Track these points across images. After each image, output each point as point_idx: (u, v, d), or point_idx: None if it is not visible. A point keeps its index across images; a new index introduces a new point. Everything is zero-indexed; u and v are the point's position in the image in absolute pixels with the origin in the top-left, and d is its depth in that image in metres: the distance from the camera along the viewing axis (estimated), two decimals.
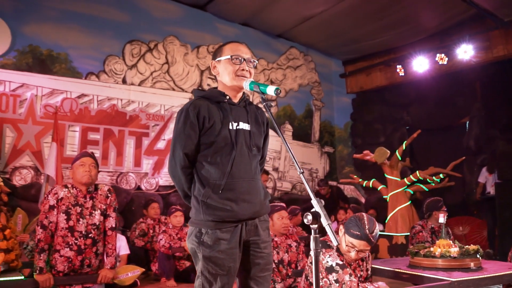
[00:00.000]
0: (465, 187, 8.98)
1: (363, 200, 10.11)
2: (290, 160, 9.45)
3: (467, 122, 9.21)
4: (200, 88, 7.99)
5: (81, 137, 6.86)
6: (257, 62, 2.20)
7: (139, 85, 7.59)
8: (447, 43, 8.10)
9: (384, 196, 6.97)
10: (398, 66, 9.02)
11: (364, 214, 2.63)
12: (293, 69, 9.82)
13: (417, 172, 6.67)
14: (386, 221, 6.90)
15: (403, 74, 8.99)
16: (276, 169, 9.20)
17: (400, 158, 6.79)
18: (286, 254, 3.59)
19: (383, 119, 10.24)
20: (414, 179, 6.70)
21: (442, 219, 3.52)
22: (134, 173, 7.33)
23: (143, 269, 4.40)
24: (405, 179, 6.75)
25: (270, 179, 8.95)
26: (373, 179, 7.14)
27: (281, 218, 3.57)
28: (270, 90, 1.87)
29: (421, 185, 6.95)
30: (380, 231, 7.10)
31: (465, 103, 9.11)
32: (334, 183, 9.56)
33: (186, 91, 8.03)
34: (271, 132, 2.24)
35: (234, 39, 9.27)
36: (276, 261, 3.51)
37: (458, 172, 7.36)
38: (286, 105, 9.66)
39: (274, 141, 8.81)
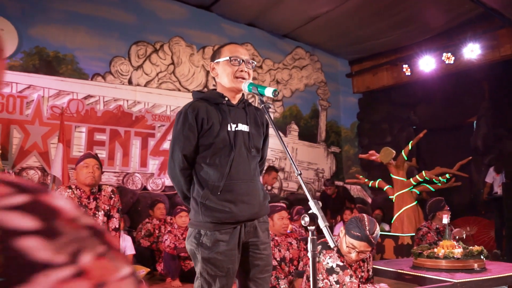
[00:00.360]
0: (472, 187, 8.93)
1: (369, 200, 10.07)
2: (296, 161, 9.44)
3: (475, 122, 9.15)
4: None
5: (87, 138, 6.90)
6: (255, 63, 2.20)
7: (145, 86, 7.63)
8: (454, 42, 8.05)
9: (390, 197, 6.94)
10: (404, 66, 8.97)
11: (365, 215, 2.63)
12: (299, 69, 9.81)
13: (423, 172, 6.63)
14: (392, 222, 6.87)
15: (409, 73, 8.94)
16: (282, 169, 9.19)
17: (406, 158, 6.75)
18: (288, 251, 3.61)
19: (389, 119, 10.19)
20: (420, 179, 6.66)
21: (445, 219, 3.50)
22: (140, 174, 7.37)
23: (149, 269, 4.43)
24: (411, 179, 6.71)
25: (276, 180, 8.94)
26: (379, 179, 7.11)
27: (281, 218, 3.59)
28: (268, 92, 1.87)
29: (427, 185, 6.91)
30: (386, 231, 7.10)
31: (472, 102, 9.04)
32: (340, 183, 9.54)
33: (191, 92, 8.04)
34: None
35: (240, 39, 9.22)
36: (278, 259, 3.53)
37: (466, 172, 7.31)
38: (292, 105, 9.65)
39: (280, 141, 8.79)
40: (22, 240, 0.22)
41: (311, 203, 1.63)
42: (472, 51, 7.63)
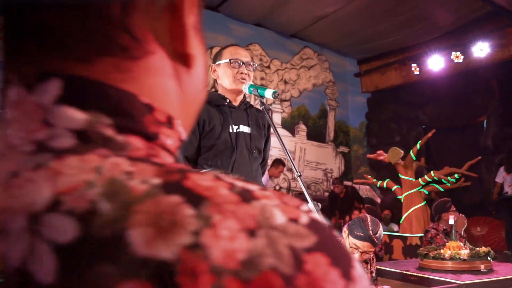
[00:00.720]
0: (482, 187, 8.85)
1: (378, 200, 10.03)
2: (304, 161, 9.43)
3: (485, 121, 9.07)
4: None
5: None
6: (257, 65, 2.21)
7: None
8: (463, 41, 7.99)
9: (398, 197, 6.90)
10: (413, 65, 8.93)
11: (368, 215, 2.62)
12: (307, 69, 9.80)
13: (432, 172, 6.59)
14: (400, 222, 6.83)
15: (418, 73, 8.90)
16: (290, 170, 9.18)
17: (414, 158, 6.71)
18: None
19: (398, 118, 10.14)
20: (429, 179, 6.62)
21: (452, 220, 3.48)
22: None
23: None
24: (420, 180, 6.66)
25: (284, 180, 8.94)
26: (387, 179, 7.08)
27: None
28: (268, 94, 1.89)
29: (436, 185, 6.87)
30: (395, 231, 7.06)
31: (482, 101, 8.97)
32: (349, 183, 9.50)
33: None
34: (285, 132, 2.24)
35: (247, 39, 9.21)
36: None
37: (476, 172, 7.24)
38: (300, 105, 9.63)
39: (288, 142, 8.80)
40: None
41: (310, 205, 1.63)
42: (481, 50, 7.58)
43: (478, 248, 3.27)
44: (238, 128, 2.07)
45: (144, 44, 0.37)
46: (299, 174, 1.72)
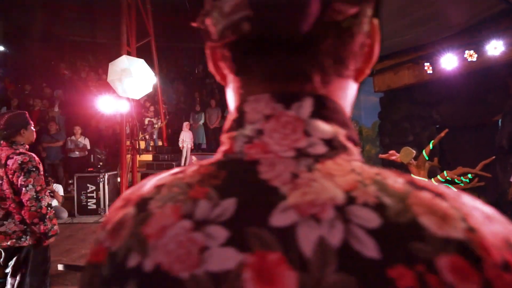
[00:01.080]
0: (497, 187, 8.73)
1: None
2: None
3: (499, 120, 8.94)
4: None
5: None
6: None
7: None
8: (476, 39, 7.87)
9: None
10: (426, 64, 8.83)
11: None
12: None
13: (445, 172, 6.52)
14: None
15: (431, 71, 8.79)
16: None
17: (427, 158, 6.65)
18: None
19: (411, 118, 10.04)
20: (442, 180, 6.55)
21: None
22: None
23: None
24: (433, 180, 6.60)
25: None
26: None
27: None
28: None
29: (450, 186, 6.78)
30: None
31: (497, 100, 8.84)
32: None
33: None
34: None
35: None
36: None
37: (490, 171, 7.13)
38: None
39: None
40: None
41: None
42: (495, 48, 7.46)
43: None
44: None
45: (355, 67, 0.46)
46: None
